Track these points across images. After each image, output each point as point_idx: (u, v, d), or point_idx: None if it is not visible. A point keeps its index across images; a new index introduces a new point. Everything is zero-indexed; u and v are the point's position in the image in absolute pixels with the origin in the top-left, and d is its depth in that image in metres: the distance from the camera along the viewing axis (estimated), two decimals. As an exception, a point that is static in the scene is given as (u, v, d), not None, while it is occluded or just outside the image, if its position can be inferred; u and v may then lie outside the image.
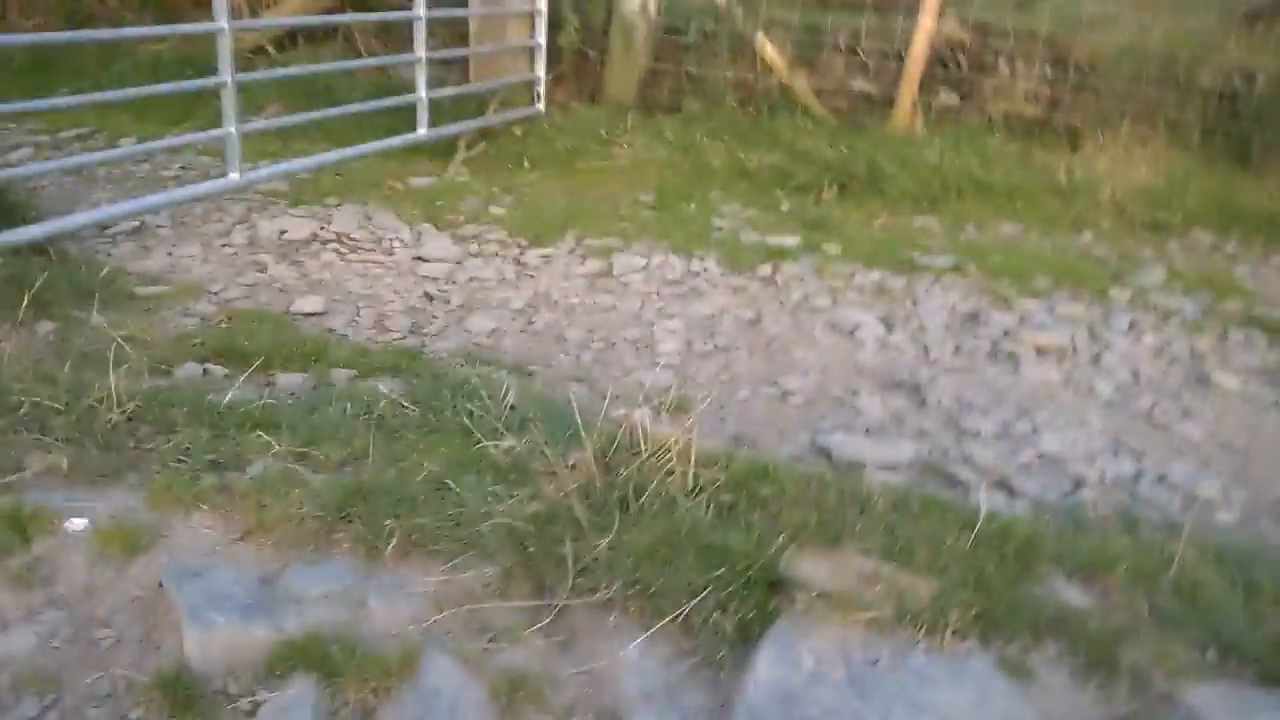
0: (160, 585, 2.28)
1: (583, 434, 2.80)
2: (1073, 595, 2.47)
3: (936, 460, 3.62)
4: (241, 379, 3.44)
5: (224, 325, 4.31)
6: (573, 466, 2.75)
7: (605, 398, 3.65)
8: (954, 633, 2.27)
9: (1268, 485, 3.71)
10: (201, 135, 6.03)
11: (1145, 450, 3.84)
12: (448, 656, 2.13)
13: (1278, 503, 3.60)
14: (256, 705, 1.98)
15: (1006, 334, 4.87)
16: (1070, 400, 4.26)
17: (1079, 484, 3.54)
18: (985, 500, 2.72)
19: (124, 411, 3.04)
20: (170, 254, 5.36)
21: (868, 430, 3.84)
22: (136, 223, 5.71)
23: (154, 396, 3.16)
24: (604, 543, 2.45)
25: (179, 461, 2.79)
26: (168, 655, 2.09)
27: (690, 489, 2.69)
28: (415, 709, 1.98)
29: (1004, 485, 3.44)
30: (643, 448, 2.75)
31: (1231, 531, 3.28)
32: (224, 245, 5.55)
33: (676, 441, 2.75)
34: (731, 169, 7.39)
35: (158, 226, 5.74)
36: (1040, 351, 4.71)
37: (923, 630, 2.27)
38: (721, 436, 3.65)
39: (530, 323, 4.83)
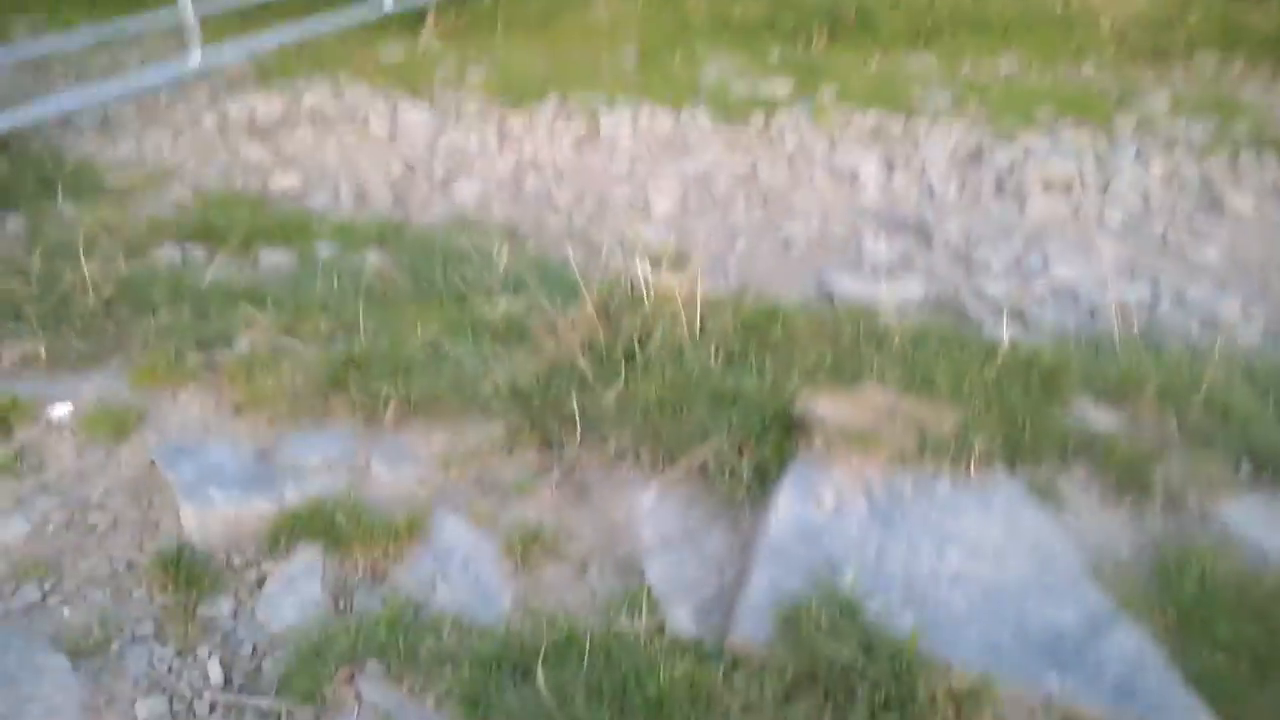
0: (152, 465, 2.18)
1: (582, 289, 2.68)
2: (1101, 418, 2.38)
3: (948, 297, 3.51)
4: (221, 258, 3.30)
5: (199, 207, 4.14)
6: (574, 322, 2.63)
7: (602, 255, 3.52)
8: (980, 460, 2.18)
9: (1287, 302, 3.61)
10: (157, 17, 5.73)
11: (1161, 275, 3.73)
12: (458, 515, 2.05)
13: (1299, 319, 3.50)
14: (263, 576, 1.90)
15: (1011, 169, 4.70)
16: (1080, 230, 4.12)
17: (1094, 312, 3.44)
18: (1006, 329, 2.61)
19: (101, 296, 2.91)
20: (138, 142, 5.15)
21: (875, 271, 3.72)
22: (101, 113, 5.47)
23: (131, 280, 3.03)
24: (611, 394, 2.35)
25: (162, 342, 2.67)
26: (166, 534, 2.01)
27: (697, 337, 2.57)
28: (428, 568, 1.91)
29: (1019, 317, 3.33)
30: (645, 299, 2.62)
31: (1256, 348, 3.19)
32: (193, 129, 5.34)
33: (680, 290, 2.62)
34: (715, 19, 7.08)
35: (123, 116, 5.50)
36: (1047, 184, 4.55)
37: (947, 460, 2.18)
38: (725, 287, 3.52)
39: (518, 188, 4.65)
